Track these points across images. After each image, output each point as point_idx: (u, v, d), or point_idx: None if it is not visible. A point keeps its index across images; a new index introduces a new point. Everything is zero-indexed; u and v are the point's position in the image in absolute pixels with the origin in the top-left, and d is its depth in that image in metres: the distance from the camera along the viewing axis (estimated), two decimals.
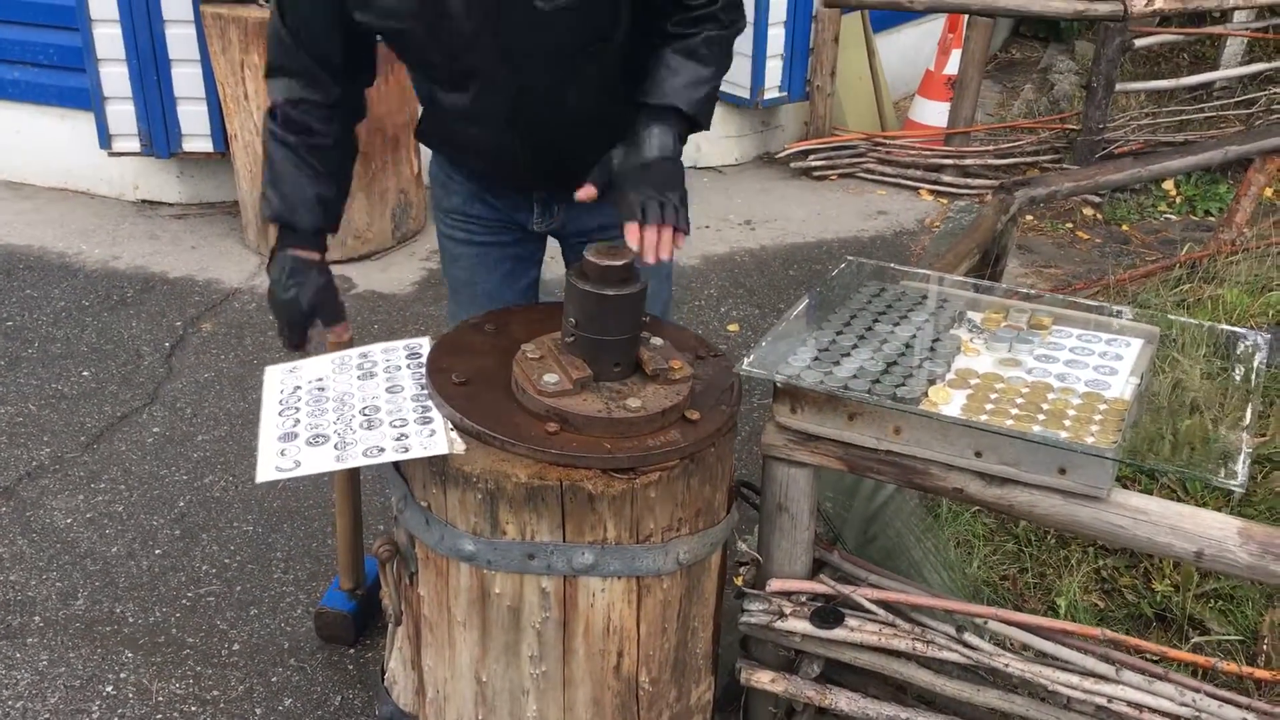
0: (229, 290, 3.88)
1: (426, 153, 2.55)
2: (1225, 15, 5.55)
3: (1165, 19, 6.12)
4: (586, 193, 1.85)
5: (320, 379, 1.97)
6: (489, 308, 2.21)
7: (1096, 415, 1.81)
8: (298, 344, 2.03)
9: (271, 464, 1.74)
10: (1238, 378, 2.01)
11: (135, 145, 4.16)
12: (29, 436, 3.11)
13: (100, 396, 3.29)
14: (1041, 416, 1.80)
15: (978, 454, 1.79)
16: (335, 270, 4.02)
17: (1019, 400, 1.85)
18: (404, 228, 4.17)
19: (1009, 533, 2.70)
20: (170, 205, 4.44)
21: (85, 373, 3.40)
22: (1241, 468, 1.69)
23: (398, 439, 1.76)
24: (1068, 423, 1.78)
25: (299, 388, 1.95)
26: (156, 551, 2.74)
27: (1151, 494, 1.80)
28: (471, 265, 2.25)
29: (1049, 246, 4.48)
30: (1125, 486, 1.80)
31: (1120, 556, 2.66)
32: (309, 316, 2.02)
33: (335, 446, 1.77)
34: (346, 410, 1.86)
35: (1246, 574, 1.71)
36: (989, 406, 1.82)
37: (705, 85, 1.87)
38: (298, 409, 1.88)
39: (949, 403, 1.82)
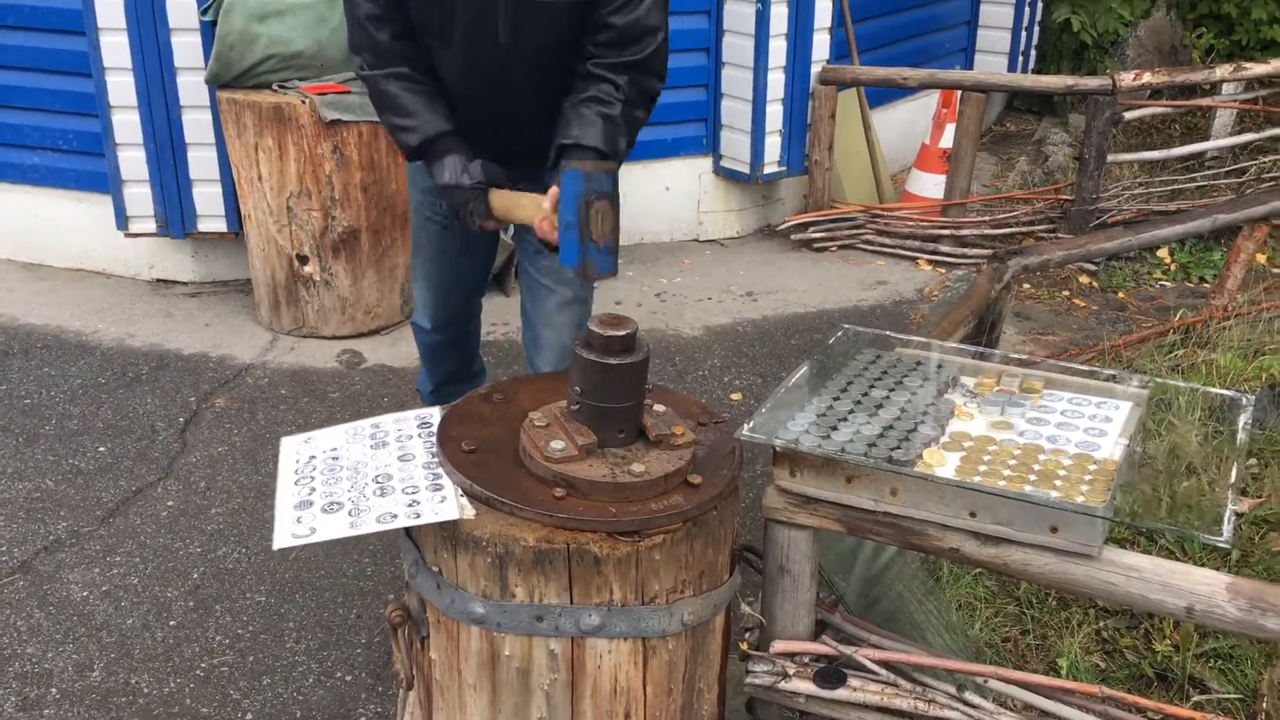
0: (242, 366, 3.96)
1: None
2: (1215, 87, 5.69)
3: (1156, 92, 6.27)
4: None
5: (334, 449, 2.03)
6: (442, 272, 2.72)
7: (1086, 475, 1.87)
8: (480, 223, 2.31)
9: (288, 531, 1.80)
10: (1230, 439, 2.07)
11: (151, 226, 4.27)
12: (46, 511, 3.17)
13: (116, 471, 3.36)
14: (1033, 477, 1.86)
15: (972, 514, 1.85)
16: (345, 345, 4.12)
17: (1011, 462, 1.91)
18: (411, 303, 4.25)
19: (1010, 595, 2.74)
20: (184, 284, 4.54)
21: (101, 448, 3.47)
22: (1226, 525, 1.74)
23: (410, 505, 1.82)
24: (1059, 483, 1.84)
25: (314, 457, 2.01)
26: (171, 623, 2.79)
27: (1151, 555, 1.85)
28: (434, 236, 2.67)
29: (1046, 314, 4.56)
30: (1126, 549, 1.85)
31: (1121, 618, 2.70)
32: (487, 178, 2.27)
33: (350, 513, 1.83)
34: (360, 478, 1.92)
35: (1236, 628, 1.75)
36: (982, 468, 1.88)
37: (615, 144, 2.24)
38: (313, 478, 1.94)
39: (944, 465, 1.89)
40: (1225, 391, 2.16)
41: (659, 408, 1.99)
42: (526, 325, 2.68)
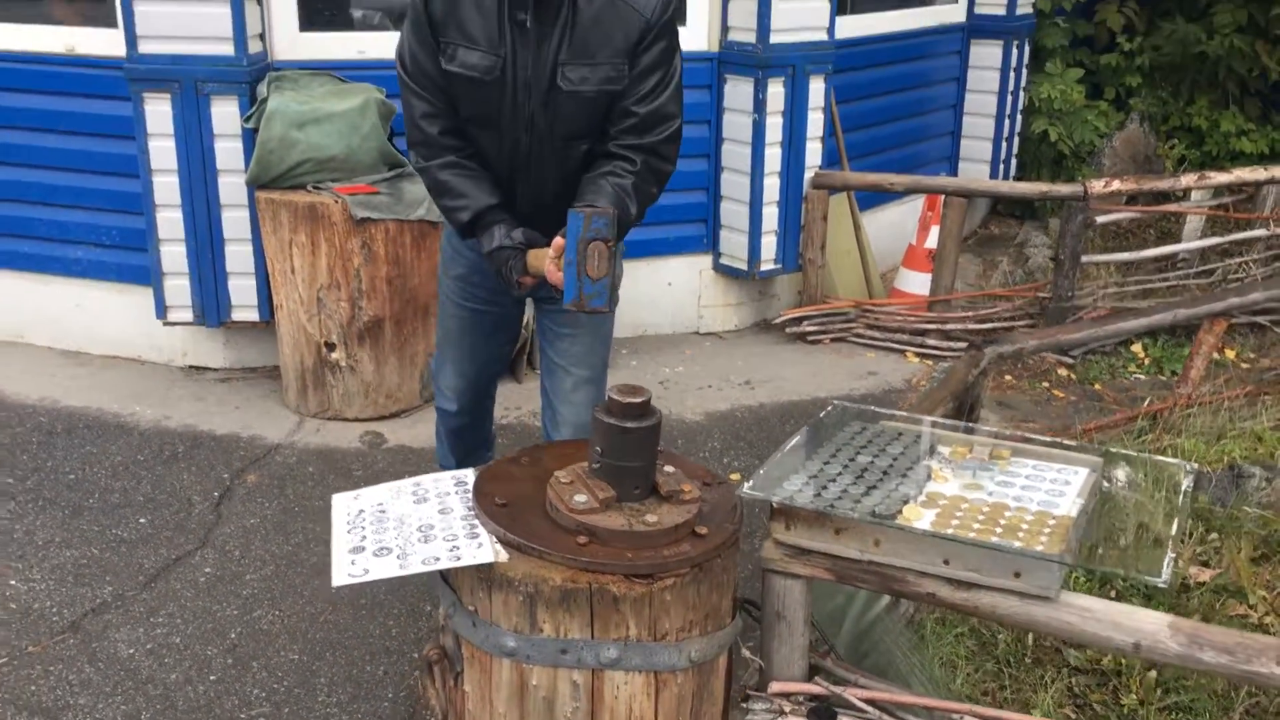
0: (271, 446, 4.21)
1: None
2: (1186, 194, 6.05)
3: (1132, 198, 6.65)
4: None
5: (381, 503, 2.29)
6: (471, 358, 3.00)
7: (1046, 529, 2.12)
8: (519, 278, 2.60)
9: (344, 571, 2.05)
10: (1173, 500, 2.33)
11: (188, 316, 4.56)
12: (93, 576, 3.40)
13: (156, 541, 3.59)
14: (999, 529, 2.11)
15: (946, 562, 2.10)
16: (368, 427, 4.38)
17: (980, 517, 2.16)
18: (430, 388, 4.53)
19: (989, 654, 2.96)
20: (215, 370, 4.82)
21: (142, 520, 3.71)
22: (1166, 569, 1.99)
23: (451, 550, 2.07)
24: (1021, 534, 2.10)
25: (363, 510, 2.27)
26: (211, 678, 3.00)
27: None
28: (463, 323, 2.96)
29: (1027, 403, 4.84)
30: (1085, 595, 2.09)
31: (1092, 675, 2.92)
32: (527, 243, 2.60)
33: (397, 557, 2.08)
34: (405, 528, 2.17)
35: (1177, 661, 1.99)
36: (954, 522, 2.14)
37: (626, 211, 2.54)
38: (364, 528, 2.19)
39: (921, 519, 2.14)
40: (1171, 460, 2.42)
41: (669, 468, 2.25)
42: (546, 404, 2.96)
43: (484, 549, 2.06)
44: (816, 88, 5.18)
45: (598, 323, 2.85)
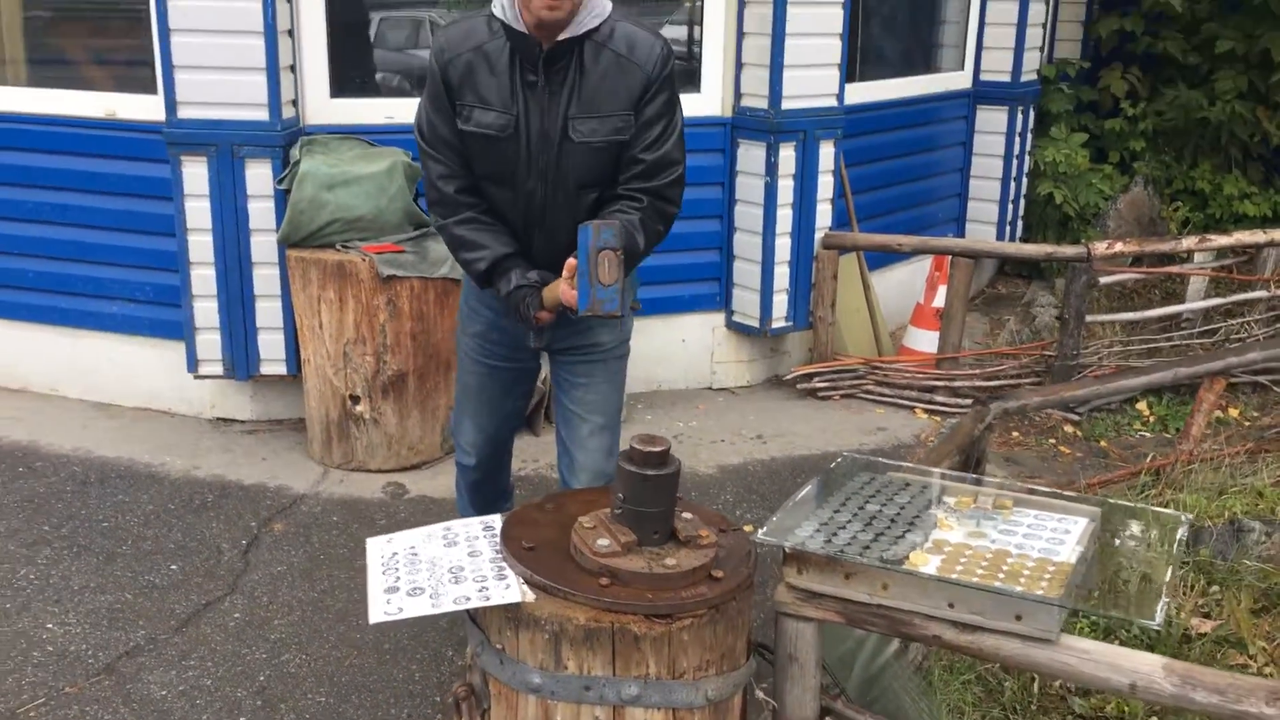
0: (297, 495, 4.34)
1: None
2: (1189, 256, 6.19)
3: (1137, 260, 6.79)
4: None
5: (413, 546, 2.41)
6: (490, 413, 3.15)
7: (1047, 574, 2.23)
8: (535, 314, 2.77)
9: (380, 609, 2.17)
10: (1170, 547, 2.43)
11: (218, 369, 4.72)
12: (126, 621, 3.52)
13: (187, 587, 3.71)
14: (1002, 575, 2.22)
15: (951, 605, 2.21)
16: (390, 478, 4.50)
17: (983, 563, 2.27)
18: (450, 440, 4.66)
19: (995, 701, 3.05)
20: (242, 422, 4.96)
21: (173, 566, 3.83)
22: (1159, 613, 2.10)
23: (480, 590, 2.19)
24: (1023, 579, 2.20)
25: (396, 553, 2.38)
26: (241, 719, 3.10)
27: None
28: (481, 379, 3.11)
29: (1034, 459, 4.94)
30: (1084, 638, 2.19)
31: None
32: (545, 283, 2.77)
33: (430, 596, 2.20)
34: (437, 570, 2.29)
35: (1171, 702, 2.09)
36: (959, 567, 2.25)
37: (633, 244, 2.70)
38: (397, 569, 2.31)
39: (927, 564, 2.25)
40: (1167, 511, 2.53)
41: (686, 515, 2.37)
42: (562, 451, 3.08)
43: (512, 589, 2.18)
44: (826, 152, 5.36)
45: (612, 371, 3.00)
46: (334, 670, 3.32)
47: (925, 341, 5.77)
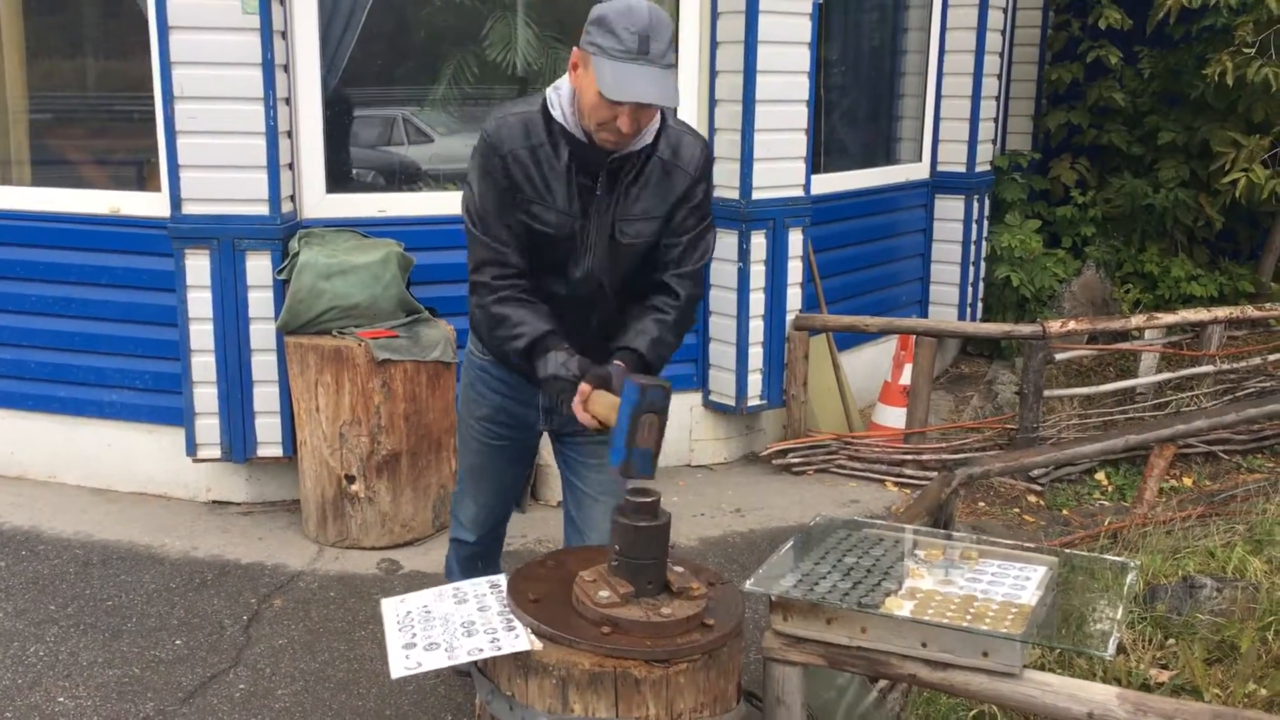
0: (294, 573, 4.49)
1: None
2: (1141, 333, 6.52)
3: (1093, 338, 7.12)
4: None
5: (426, 605, 2.59)
6: (494, 489, 3.26)
7: (1010, 615, 2.44)
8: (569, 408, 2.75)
9: (400, 664, 2.35)
10: (1119, 590, 2.65)
11: (216, 453, 4.89)
12: (135, 693, 3.64)
13: (192, 660, 3.84)
14: (969, 616, 2.43)
15: (924, 644, 2.41)
16: (384, 555, 4.64)
17: (953, 607, 2.48)
18: (441, 517, 4.84)
19: None
20: (238, 504, 5.11)
21: (178, 641, 3.96)
22: (1111, 644, 2.31)
23: (492, 641, 2.38)
24: (988, 620, 2.41)
25: (410, 612, 2.57)
26: None
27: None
28: (486, 458, 3.20)
29: (999, 527, 5.17)
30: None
31: None
32: (580, 374, 2.73)
33: (445, 650, 2.38)
34: (450, 625, 2.48)
35: None
36: (930, 610, 2.46)
37: (665, 348, 2.87)
38: (413, 626, 2.50)
39: (901, 609, 2.46)
40: (1117, 559, 2.76)
41: (678, 568, 2.58)
42: (573, 532, 3.18)
43: (520, 639, 2.37)
44: (795, 238, 5.67)
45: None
46: None
47: (893, 417, 6.03)
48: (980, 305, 7.59)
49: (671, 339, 2.89)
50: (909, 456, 5.64)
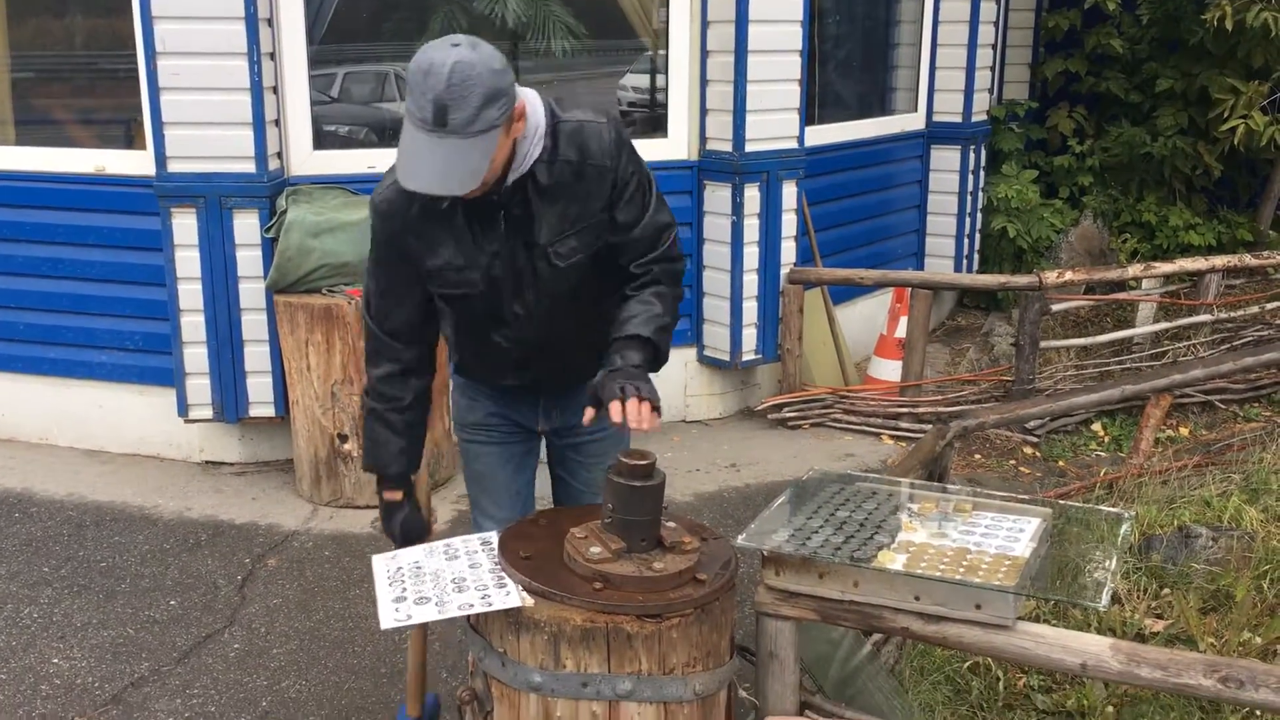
0: (288, 532, 4.48)
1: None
2: (1138, 283, 6.48)
3: (1090, 288, 7.08)
4: (588, 415, 2.51)
5: (416, 561, 2.57)
6: (504, 494, 2.97)
7: (1003, 568, 2.43)
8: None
9: (390, 617, 2.34)
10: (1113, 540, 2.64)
11: (208, 413, 4.86)
12: (130, 654, 3.64)
13: (187, 621, 3.84)
14: (962, 569, 2.42)
15: (916, 598, 2.40)
16: (378, 513, 4.61)
17: (945, 559, 2.47)
18: (436, 475, 4.83)
19: (964, 700, 3.24)
20: (231, 464, 5.10)
21: (172, 601, 3.96)
22: (1105, 595, 2.30)
23: (483, 597, 2.36)
24: (982, 572, 2.40)
25: (401, 568, 2.55)
26: None
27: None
28: (490, 462, 2.95)
29: (995, 480, 5.16)
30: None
31: (1058, 717, 3.19)
32: (403, 540, 2.75)
33: (436, 604, 2.36)
34: (441, 580, 2.46)
35: (1119, 678, 2.28)
36: (923, 564, 2.44)
37: (658, 319, 2.56)
38: (403, 581, 2.48)
39: (894, 562, 2.44)
40: (1111, 509, 2.75)
41: (671, 524, 2.55)
42: None
43: (512, 595, 2.35)
44: (789, 191, 5.61)
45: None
46: (333, 694, 3.46)
47: (889, 370, 6.00)
48: (976, 257, 7.54)
49: (667, 316, 2.61)
50: (905, 410, 5.62)
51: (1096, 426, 5.67)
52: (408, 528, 2.78)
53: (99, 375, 5.15)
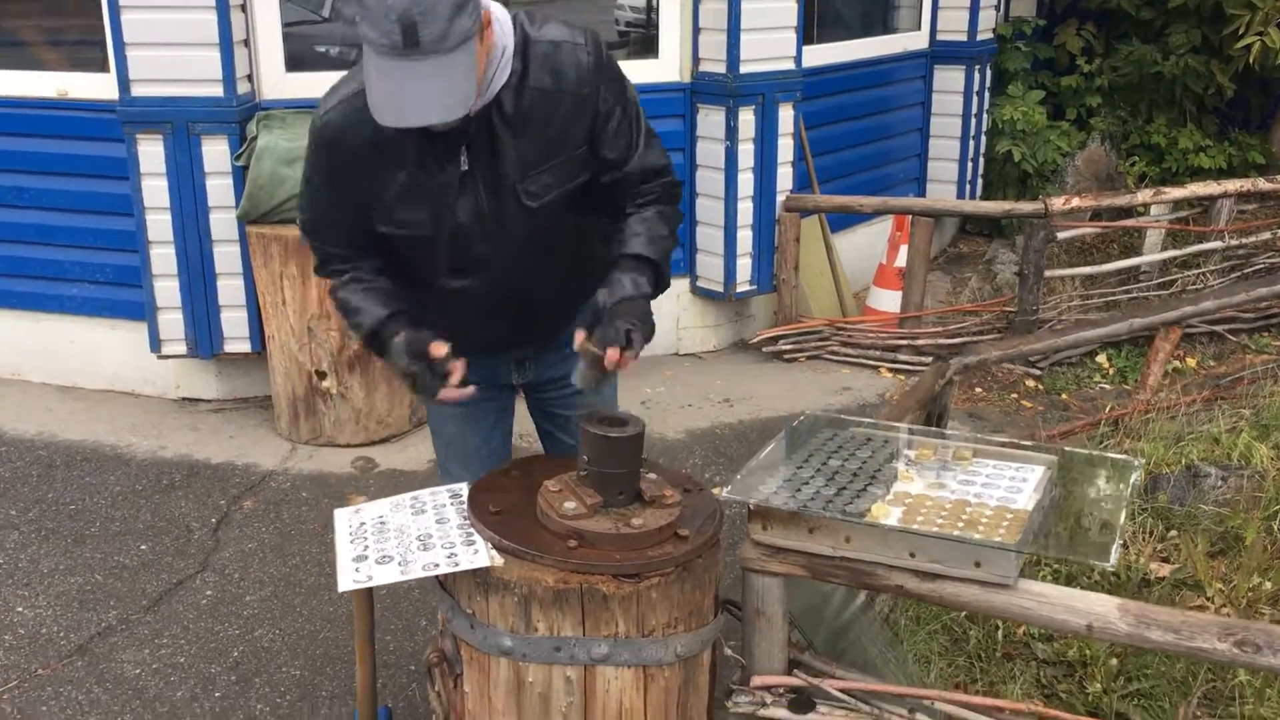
0: (265, 472, 4.34)
1: None
2: (1146, 209, 6.26)
3: (1096, 214, 6.86)
4: (579, 338, 2.25)
5: (381, 516, 2.42)
6: (475, 457, 2.70)
7: (1004, 522, 2.27)
8: (436, 390, 2.27)
9: (349, 577, 2.19)
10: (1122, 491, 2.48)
11: (182, 349, 4.69)
12: (98, 601, 3.52)
13: (158, 566, 3.71)
14: (961, 523, 2.26)
15: (911, 554, 2.25)
16: (359, 452, 4.50)
17: (943, 513, 2.31)
18: (418, 413, 4.67)
19: (960, 649, 3.11)
20: (208, 401, 4.94)
21: (143, 546, 3.83)
22: (1114, 554, 2.15)
23: (449, 556, 2.21)
24: (981, 527, 2.25)
25: (364, 523, 2.40)
26: (216, 694, 3.12)
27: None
28: (460, 423, 2.68)
29: (997, 415, 5.01)
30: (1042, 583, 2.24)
31: (1058, 667, 3.07)
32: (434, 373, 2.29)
33: (399, 564, 2.22)
34: (405, 538, 2.31)
35: (1127, 640, 2.14)
36: (919, 518, 2.29)
37: (662, 240, 2.36)
38: (365, 538, 2.33)
39: (888, 516, 2.29)
40: (1121, 457, 2.59)
41: (651, 476, 2.39)
42: None
43: (480, 554, 2.20)
44: (786, 115, 5.37)
45: (608, 398, 2.73)
46: (307, 644, 3.34)
47: (888, 301, 5.82)
48: (980, 182, 7.31)
49: (664, 231, 2.38)
50: (904, 341, 5.45)
51: (1101, 358, 5.50)
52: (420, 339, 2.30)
53: (70, 309, 4.98)
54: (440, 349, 2.22)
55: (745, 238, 5.39)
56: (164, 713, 3.04)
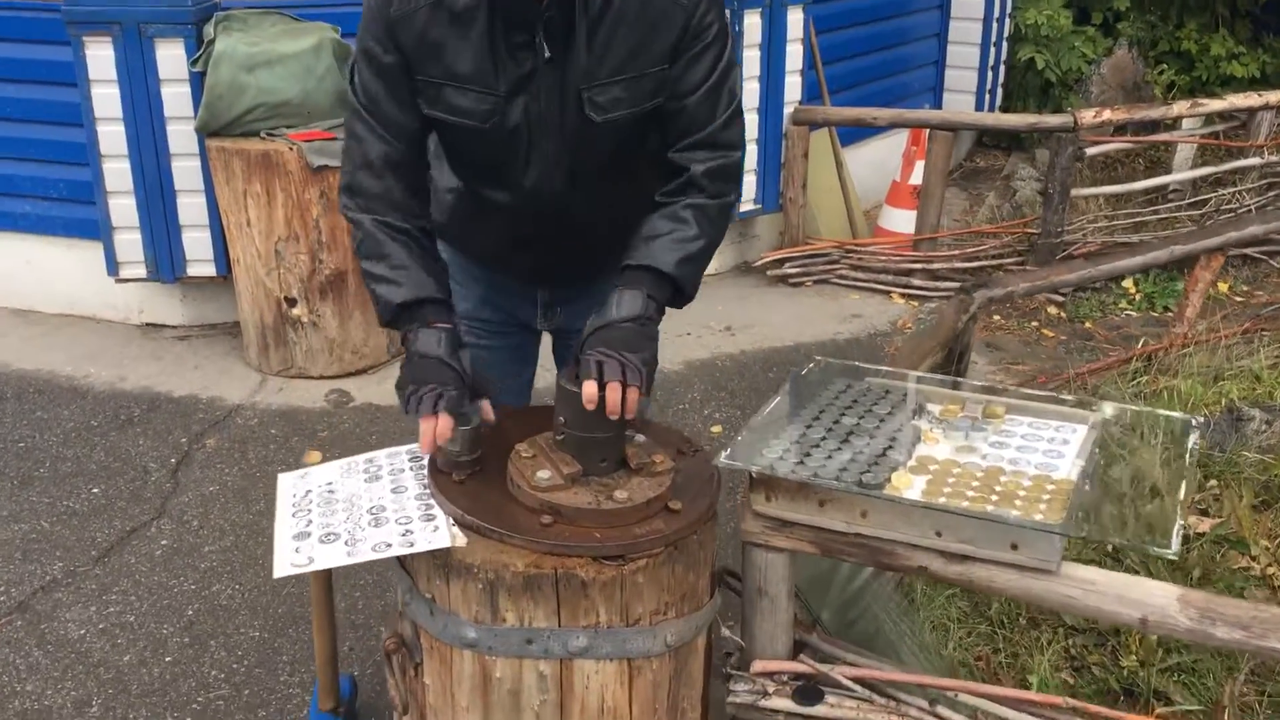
0: (231, 407, 4.04)
1: None
2: (1176, 122, 5.87)
3: (1120, 128, 6.45)
4: (567, 373, 1.95)
5: (329, 483, 2.12)
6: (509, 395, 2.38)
7: (1045, 495, 1.97)
8: (460, 409, 1.98)
9: (287, 560, 1.89)
10: (1180, 458, 2.18)
11: (141, 272, 4.36)
12: (42, 552, 3.24)
13: (110, 512, 3.43)
14: (994, 497, 1.96)
15: (938, 533, 1.95)
16: (334, 385, 4.19)
17: (974, 484, 2.01)
18: (397, 343, 4.35)
19: (982, 615, 2.84)
20: (174, 328, 4.63)
21: (95, 489, 3.54)
22: (1175, 538, 1.85)
23: (404, 535, 1.91)
24: (1018, 502, 1.94)
25: (310, 491, 2.10)
26: (167, 659, 2.86)
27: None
28: (479, 365, 2.31)
29: (1016, 344, 4.69)
30: (1089, 566, 1.95)
31: (1089, 635, 2.79)
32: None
33: (346, 543, 1.92)
34: (355, 510, 2.01)
35: (1187, 638, 1.85)
36: (947, 490, 1.99)
37: (687, 246, 2.00)
38: (310, 510, 2.03)
39: (910, 487, 1.99)
40: (1176, 414, 2.27)
41: (639, 438, 2.08)
42: None
43: (440, 532, 1.90)
44: (795, 19, 4.98)
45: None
46: (269, 601, 3.06)
47: (902, 221, 5.47)
48: (1000, 92, 6.89)
49: (698, 231, 2.03)
50: (918, 265, 5.11)
51: (1128, 283, 5.17)
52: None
53: (23, 227, 4.63)
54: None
55: (750, 153, 5.01)
56: (108, 679, 2.78)
